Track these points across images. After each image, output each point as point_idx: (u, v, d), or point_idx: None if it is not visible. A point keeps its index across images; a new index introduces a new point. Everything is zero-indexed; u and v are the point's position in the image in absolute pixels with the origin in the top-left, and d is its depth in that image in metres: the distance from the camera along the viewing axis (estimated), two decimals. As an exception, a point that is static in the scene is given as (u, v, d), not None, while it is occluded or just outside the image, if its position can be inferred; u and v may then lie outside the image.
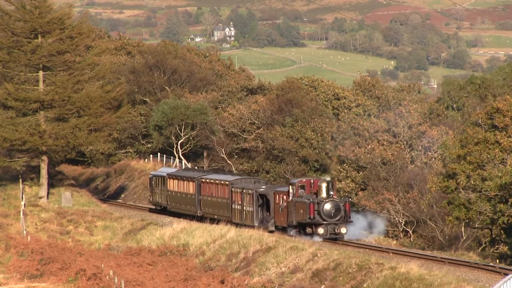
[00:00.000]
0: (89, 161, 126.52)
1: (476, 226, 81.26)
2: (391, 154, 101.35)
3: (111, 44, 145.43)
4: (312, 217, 67.14)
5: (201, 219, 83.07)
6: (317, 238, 67.62)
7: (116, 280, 69.19)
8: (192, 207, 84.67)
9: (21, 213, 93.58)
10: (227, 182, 79.27)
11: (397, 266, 61.82)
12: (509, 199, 72.74)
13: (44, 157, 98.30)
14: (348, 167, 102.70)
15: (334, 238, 67.54)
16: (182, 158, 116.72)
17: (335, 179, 73.30)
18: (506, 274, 56.33)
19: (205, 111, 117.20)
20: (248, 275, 72.45)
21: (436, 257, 66.32)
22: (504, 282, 51.46)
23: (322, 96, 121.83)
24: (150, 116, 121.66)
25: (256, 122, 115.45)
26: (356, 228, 79.47)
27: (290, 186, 70.36)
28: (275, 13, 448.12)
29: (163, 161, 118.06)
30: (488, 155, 79.63)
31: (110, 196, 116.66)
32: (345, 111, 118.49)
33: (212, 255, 79.85)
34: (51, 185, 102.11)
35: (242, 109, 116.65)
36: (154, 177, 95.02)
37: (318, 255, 70.57)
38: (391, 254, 69.02)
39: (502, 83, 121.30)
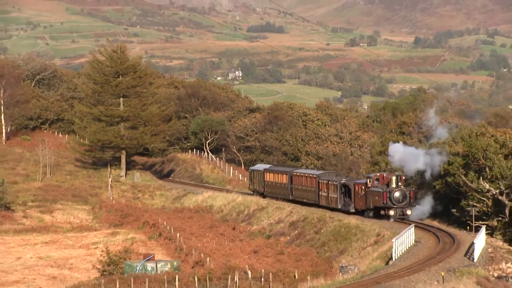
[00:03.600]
0: (151, 153, 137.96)
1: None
2: (339, 150, 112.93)
3: (165, 81, 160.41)
4: (385, 202, 67.65)
5: (292, 201, 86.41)
6: (390, 219, 68.45)
7: (168, 227, 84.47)
8: (285, 193, 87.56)
9: (109, 186, 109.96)
10: (315, 175, 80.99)
11: (342, 219, 73.13)
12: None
13: (123, 151, 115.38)
14: (312, 157, 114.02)
15: (402, 218, 68.11)
16: (209, 152, 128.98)
17: (402, 174, 71.01)
18: (417, 226, 64.81)
19: (223, 123, 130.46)
20: (249, 225, 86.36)
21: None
22: (407, 229, 58.69)
23: (296, 114, 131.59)
24: (189, 126, 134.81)
25: (255, 130, 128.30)
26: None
27: (368, 179, 71.03)
28: (267, 62, 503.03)
29: (197, 154, 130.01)
30: None
31: (164, 175, 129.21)
32: (310, 123, 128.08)
33: (227, 212, 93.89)
34: (127, 168, 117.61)
35: (246, 122, 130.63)
36: (253, 171, 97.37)
37: (293, 212, 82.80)
38: (338, 213, 76.79)
39: (407, 106, 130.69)
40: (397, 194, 67.53)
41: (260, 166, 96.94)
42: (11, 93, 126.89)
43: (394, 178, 68.19)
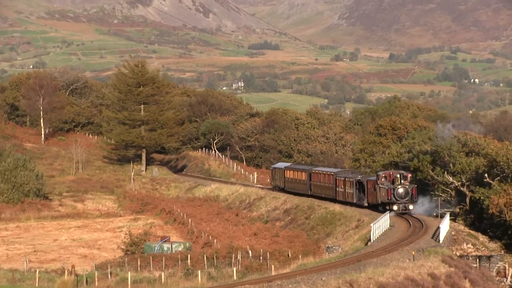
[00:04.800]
0: (167, 151, 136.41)
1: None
2: (325, 148, 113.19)
3: (178, 90, 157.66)
4: (389, 198, 64.05)
5: (311, 196, 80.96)
6: (393, 213, 64.25)
7: (181, 213, 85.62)
8: (304, 188, 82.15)
9: (132, 179, 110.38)
10: (333, 173, 76.30)
11: (328, 207, 74.04)
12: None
13: (144, 150, 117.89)
14: (303, 155, 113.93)
15: (404, 212, 64.25)
16: (216, 150, 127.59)
17: (407, 173, 67.44)
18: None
19: (228, 125, 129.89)
20: (250, 212, 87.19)
21: (349, 204, 72.93)
22: (384, 216, 58.64)
23: (289, 118, 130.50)
24: (199, 128, 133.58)
25: (254, 131, 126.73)
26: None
27: (377, 176, 66.99)
28: (265, 74, 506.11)
29: (205, 152, 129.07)
30: (375, 149, 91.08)
31: (178, 170, 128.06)
32: (301, 126, 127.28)
33: (231, 201, 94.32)
34: (147, 164, 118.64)
35: (247, 125, 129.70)
36: (274, 169, 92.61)
37: (287, 201, 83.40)
38: (325, 201, 77.21)
39: (383, 111, 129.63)
40: (400, 190, 64.28)
41: (281, 164, 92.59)
42: (49, 101, 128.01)
43: (398, 175, 64.87)
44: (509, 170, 63.55)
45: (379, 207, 66.73)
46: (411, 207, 64.55)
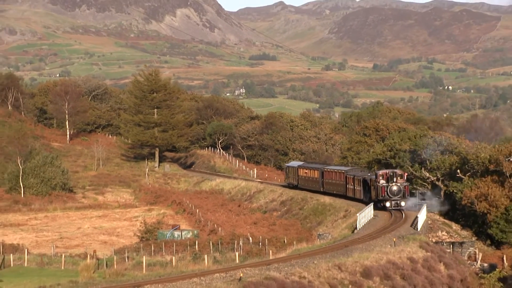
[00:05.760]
0: (178, 150, 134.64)
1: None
2: (317, 147, 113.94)
3: (187, 96, 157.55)
4: (383, 195, 60.98)
5: (323, 193, 75.29)
6: (387, 208, 60.91)
7: (190, 205, 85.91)
8: (316, 186, 77.11)
9: (146, 174, 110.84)
10: (343, 171, 71.53)
11: (319, 199, 73.12)
12: (373, 167, 76.45)
13: (157, 148, 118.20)
14: (297, 153, 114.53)
15: (398, 209, 60.67)
16: (221, 149, 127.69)
17: (405, 171, 64.61)
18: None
19: (231, 127, 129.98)
20: (250, 203, 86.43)
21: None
22: (368, 207, 58.35)
23: (285, 121, 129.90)
24: (206, 129, 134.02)
25: (254, 132, 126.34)
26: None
27: (376, 175, 63.13)
28: (263, 82, 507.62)
29: (211, 150, 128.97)
30: (361, 147, 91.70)
31: (187, 166, 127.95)
32: (296, 127, 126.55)
33: (234, 194, 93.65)
34: (160, 161, 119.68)
35: (248, 126, 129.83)
36: (288, 167, 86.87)
37: (283, 194, 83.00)
38: (316, 194, 76.16)
39: (367, 115, 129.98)
40: (393, 188, 60.65)
41: (294, 163, 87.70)
42: (74, 105, 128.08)
43: (392, 174, 61.21)
44: (479, 166, 63.38)
45: (378, 204, 62.88)
46: (403, 203, 60.97)
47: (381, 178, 61.33)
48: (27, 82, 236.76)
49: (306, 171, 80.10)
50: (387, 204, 60.76)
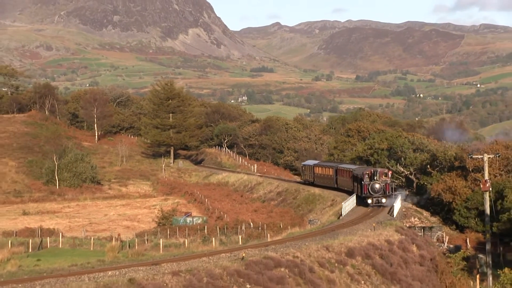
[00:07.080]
0: (189, 148, 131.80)
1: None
2: (308, 146, 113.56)
3: (198, 103, 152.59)
4: (365, 193, 56.37)
5: (337, 189, 68.80)
6: (369, 205, 56.38)
7: (200, 195, 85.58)
8: (331, 182, 71.00)
9: (163, 169, 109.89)
10: (351, 169, 65.14)
11: (310, 190, 72.54)
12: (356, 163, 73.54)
13: (172, 147, 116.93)
14: (291, 151, 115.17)
15: (379, 205, 56.07)
16: (226, 147, 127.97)
17: (389, 170, 60.79)
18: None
19: (235, 129, 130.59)
20: (251, 193, 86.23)
21: (325, 188, 70.55)
22: (352, 197, 57.02)
23: (281, 123, 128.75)
24: (213, 131, 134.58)
25: (255, 133, 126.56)
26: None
27: (363, 173, 57.45)
28: (262, 91, 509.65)
29: (218, 149, 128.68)
30: (345, 146, 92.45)
31: (197, 162, 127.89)
32: (290, 129, 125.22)
33: (238, 185, 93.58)
34: (174, 158, 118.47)
35: (249, 128, 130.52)
36: (304, 166, 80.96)
37: (279, 186, 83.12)
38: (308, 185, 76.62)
39: (351, 119, 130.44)
40: (374, 186, 56.20)
41: (310, 162, 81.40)
42: (101, 110, 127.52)
43: (374, 172, 56.71)
44: (446, 163, 62.74)
45: (364, 200, 57.94)
46: (383, 200, 55.92)
47: (366, 176, 57.01)
48: (62, 91, 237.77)
49: (322, 169, 74.83)
50: (369, 201, 56.51)
